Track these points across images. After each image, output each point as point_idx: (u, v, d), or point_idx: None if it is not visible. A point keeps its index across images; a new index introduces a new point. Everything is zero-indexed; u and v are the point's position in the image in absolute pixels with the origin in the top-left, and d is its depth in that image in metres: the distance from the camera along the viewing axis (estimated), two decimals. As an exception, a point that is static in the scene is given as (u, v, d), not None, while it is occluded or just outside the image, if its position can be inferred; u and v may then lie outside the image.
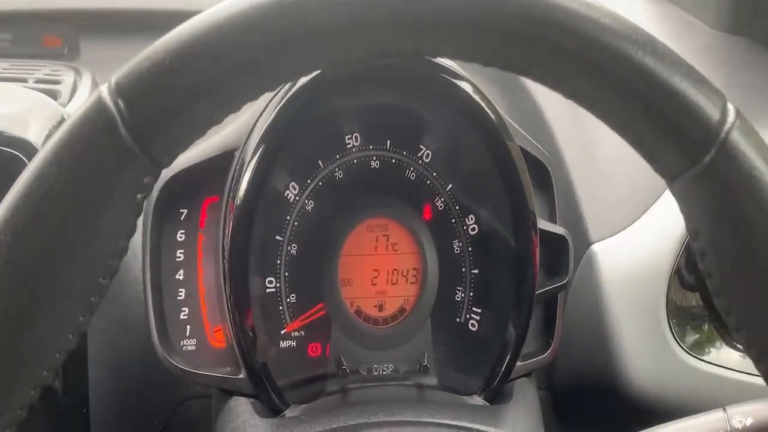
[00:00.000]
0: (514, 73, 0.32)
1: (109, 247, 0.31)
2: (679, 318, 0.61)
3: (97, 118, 0.30)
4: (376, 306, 0.55)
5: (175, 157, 0.32)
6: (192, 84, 0.30)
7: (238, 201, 0.50)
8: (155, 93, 0.30)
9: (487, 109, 0.52)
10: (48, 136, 0.55)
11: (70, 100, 0.65)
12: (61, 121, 0.58)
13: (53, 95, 0.65)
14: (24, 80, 0.66)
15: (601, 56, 0.30)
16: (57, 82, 0.67)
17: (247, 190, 0.50)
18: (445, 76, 0.52)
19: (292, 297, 0.54)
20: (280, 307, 0.54)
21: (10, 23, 0.78)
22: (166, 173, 0.53)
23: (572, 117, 0.68)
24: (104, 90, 0.30)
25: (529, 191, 0.53)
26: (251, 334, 0.52)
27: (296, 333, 0.54)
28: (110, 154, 0.30)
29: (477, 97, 0.52)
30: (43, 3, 0.78)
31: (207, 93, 0.30)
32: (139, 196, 0.31)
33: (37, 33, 0.79)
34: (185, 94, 0.30)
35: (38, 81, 0.67)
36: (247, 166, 0.50)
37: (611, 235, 0.62)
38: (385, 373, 0.55)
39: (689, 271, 0.62)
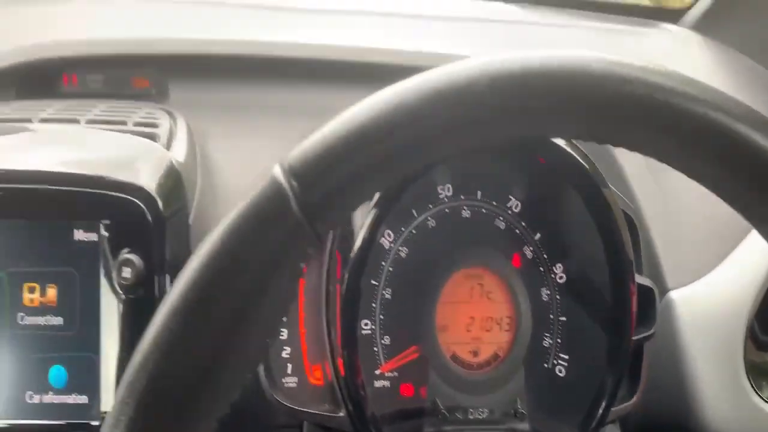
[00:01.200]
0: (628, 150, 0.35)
1: (277, 309, 0.34)
2: (757, 370, 0.63)
3: (272, 195, 0.33)
4: (471, 352, 0.57)
5: (334, 228, 0.35)
6: (359, 169, 0.33)
7: (352, 255, 0.53)
8: (326, 175, 0.33)
9: (580, 159, 0.54)
10: (159, 182, 0.58)
11: (168, 143, 0.68)
12: (170, 166, 0.61)
13: (152, 138, 0.68)
14: (123, 123, 0.70)
15: (708, 134, 0.33)
16: (155, 126, 0.70)
17: (361, 247, 0.53)
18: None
19: (386, 339, 0.57)
20: (375, 348, 0.57)
21: (101, 65, 0.82)
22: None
23: (648, 167, 0.70)
24: (278, 170, 0.34)
25: (627, 240, 0.55)
26: (351, 373, 0.54)
27: (390, 374, 0.57)
28: (282, 227, 0.33)
29: (569, 148, 0.55)
30: (133, 47, 0.82)
31: (373, 175, 0.33)
32: (301, 264, 0.34)
33: (126, 75, 0.83)
34: (354, 176, 0.33)
35: (137, 124, 0.70)
36: (362, 227, 0.53)
37: (688, 283, 0.64)
38: (480, 417, 0.57)
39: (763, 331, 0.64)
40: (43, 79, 0.81)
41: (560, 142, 0.54)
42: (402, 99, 0.34)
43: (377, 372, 0.57)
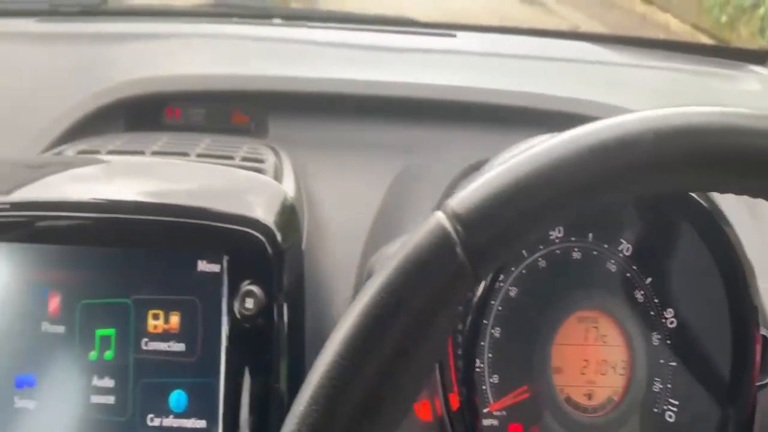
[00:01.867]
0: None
1: (435, 349, 0.36)
2: None
3: (437, 240, 0.35)
4: (585, 395, 0.58)
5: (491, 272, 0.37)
6: (522, 215, 0.35)
7: (475, 299, 0.54)
8: (490, 221, 0.35)
9: (700, 198, 0.55)
10: (277, 216, 0.61)
11: (276, 178, 0.70)
12: (285, 200, 0.63)
13: (260, 173, 0.71)
14: (230, 157, 0.73)
15: None
16: (261, 161, 0.73)
17: (483, 292, 0.54)
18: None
19: (495, 378, 0.58)
20: (483, 387, 0.58)
21: (204, 100, 0.86)
22: (383, 257, 0.58)
23: (746, 207, 0.70)
24: (442, 215, 0.36)
25: (754, 284, 0.55)
26: (463, 410, 0.56)
27: (498, 412, 0.58)
28: (447, 271, 0.35)
29: None
30: (234, 83, 0.85)
31: (535, 221, 0.35)
32: (460, 307, 0.36)
33: (226, 110, 0.86)
34: (517, 222, 0.35)
35: (243, 159, 0.73)
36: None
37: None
38: None
39: None
40: (149, 112, 0.85)
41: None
42: (566, 150, 0.35)
43: (485, 410, 0.58)
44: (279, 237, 0.59)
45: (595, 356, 0.58)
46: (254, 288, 0.58)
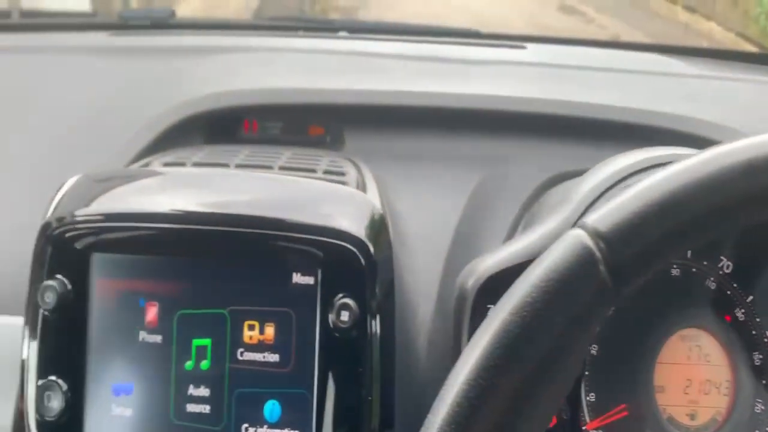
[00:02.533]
0: None
1: (575, 365, 0.36)
2: None
3: (579, 258, 0.35)
4: (688, 415, 0.57)
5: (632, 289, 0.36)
6: (665, 233, 0.35)
7: None
8: (634, 239, 0.35)
9: None
10: (369, 228, 0.61)
11: (358, 190, 0.71)
12: (375, 212, 0.64)
13: (343, 186, 0.71)
14: (313, 170, 0.73)
15: None
16: (343, 174, 0.73)
17: None
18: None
19: (592, 396, 0.57)
20: (580, 405, 0.57)
21: (281, 113, 0.87)
22: (483, 274, 0.58)
23: None
24: (582, 232, 0.35)
25: None
26: (561, 428, 0.55)
27: (594, 431, 0.57)
28: (590, 288, 0.35)
29: None
30: (311, 97, 0.86)
31: (678, 239, 0.35)
32: (598, 326, 0.36)
33: (303, 123, 0.87)
34: (660, 241, 0.35)
35: (326, 172, 0.74)
36: None
37: None
38: None
39: None
40: (227, 125, 0.86)
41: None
42: (711, 169, 0.35)
43: (583, 428, 0.57)
44: (371, 249, 0.60)
45: (698, 376, 0.57)
46: (350, 301, 0.58)
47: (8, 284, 0.71)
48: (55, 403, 0.59)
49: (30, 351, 0.61)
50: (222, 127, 0.86)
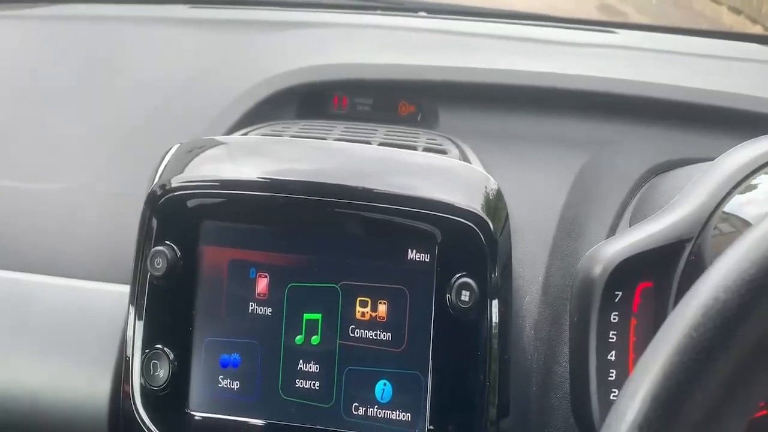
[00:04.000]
0: None
1: None
2: None
3: None
4: None
5: None
6: None
7: None
8: None
9: None
10: (488, 205, 0.59)
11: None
12: (491, 188, 0.61)
13: (447, 163, 0.69)
14: (413, 147, 0.71)
15: None
16: (444, 151, 0.71)
17: None
18: None
19: None
20: None
21: (371, 90, 0.85)
22: (613, 260, 0.55)
23: None
24: None
25: None
26: None
27: None
28: None
29: None
30: (404, 73, 0.84)
31: None
32: None
33: (394, 100, 0.85)
34: None
35: (426, 149, 0.72)
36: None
37: None
38: None
39: None
40: (318, 100, 0.84)
41: None
42: None
43: None
44: (491, 226, 0.57)
45: None
46: (470, 281, 0.56)
47: (106, 253, 0.70)
48: (162, 373, 0.58)
49: (136, 318, 0.59)
50: (312, 103, 0.84)
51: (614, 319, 0.56)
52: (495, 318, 0.57)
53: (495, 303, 0.57)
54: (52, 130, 0.82)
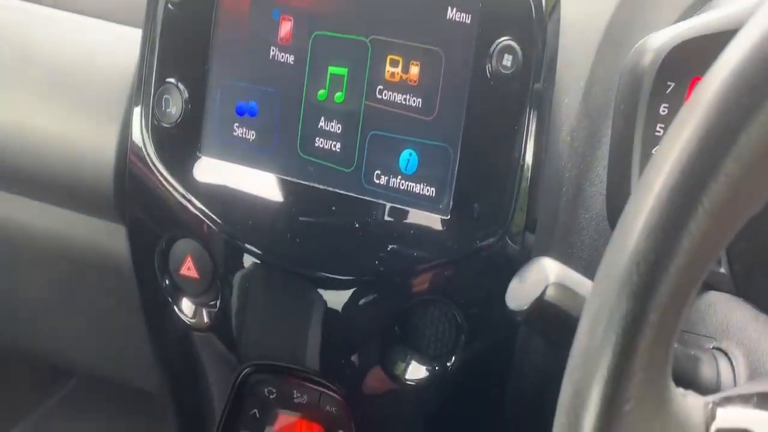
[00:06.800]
0: None
1: None
2: None
3: None
4: None
5: None
6: None
7: None
8: None
9: None
10: None
11: None
12: None
13: None
14: None
15: None
16: None
17: None
18: None
19: None
20: None
21: None
22: (671, 42, 0.48)
23: None
24: None
25: None
26: None
27: None
28: None
29: None
30: None
31: None
32: None
33: None
34: None
35: None
36: None
37: None
38: None
39: None
40: None
41: None
42: None
43: None
44: (544, -9, 0.49)
45: None
46: (514, 44, 0.49)
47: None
48: (174, 110, 0.55)
49: (149, 49, 0.55)
50: None
51: (663, 111, 0.50)
52: (540, 88, 0.50)
53: (541, 72, 0.50)
54: None
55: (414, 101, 0.52)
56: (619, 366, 0.26)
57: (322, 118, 0.53)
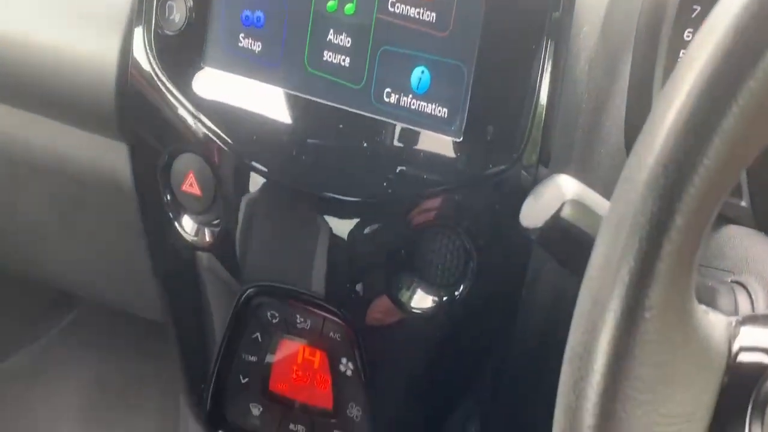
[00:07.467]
0: None
1: None
2: None
3: None
4: None
5: None
6: None
7: None
8: None
9: None
10: None
11: None
12: None
13: None
14: None
15: None
16: None
17: None
18: None
19: None
20: None
21: None
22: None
23: None
24: None
25: None
26: None
27: None
28: None
29: None
30: None
31: None
32: None
33: None
34: None
35: None
36: None
37: None
38: None
39: None
40: None
41: None
42: None
43: None
44: None
45: None
46: None
47: None
48: (177, 17, 0.52)
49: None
50: None
51: (688, 36, 0.47)
52: (556, 16, 0.47)
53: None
54: None
55: (428, 15, 0.49)
56: (643, 271, 0.24)
57: (331, 31, 0.51)
